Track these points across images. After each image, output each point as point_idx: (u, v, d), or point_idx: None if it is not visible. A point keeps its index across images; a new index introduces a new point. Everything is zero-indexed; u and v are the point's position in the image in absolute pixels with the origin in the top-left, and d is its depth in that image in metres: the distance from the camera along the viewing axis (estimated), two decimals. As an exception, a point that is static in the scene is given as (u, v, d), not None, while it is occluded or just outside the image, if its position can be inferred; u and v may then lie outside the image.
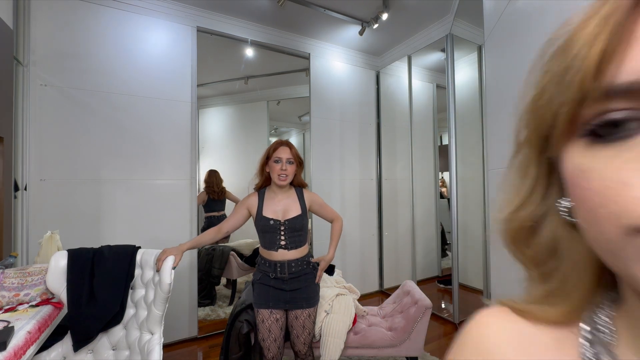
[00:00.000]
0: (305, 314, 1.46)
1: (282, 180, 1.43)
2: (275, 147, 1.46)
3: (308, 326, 1.47)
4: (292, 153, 1.45)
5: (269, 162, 1.46)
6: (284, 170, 1.42)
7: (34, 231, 1.86)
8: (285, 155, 1.43)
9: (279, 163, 1.43)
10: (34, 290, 1.24)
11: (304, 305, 1.45)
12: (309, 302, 1.46)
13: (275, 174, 1.43)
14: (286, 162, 1.43)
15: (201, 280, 2.51)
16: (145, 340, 1.30)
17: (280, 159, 1.43)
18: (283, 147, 1.45)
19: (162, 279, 1.29)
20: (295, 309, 1.45)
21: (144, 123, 2.22)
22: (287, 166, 1.43)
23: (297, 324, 1.46)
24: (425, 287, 3.33)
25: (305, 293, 1.46)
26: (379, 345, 1.63)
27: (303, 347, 1.50)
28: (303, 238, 1.49)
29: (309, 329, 1.48)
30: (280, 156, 1.43)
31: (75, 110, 2.01)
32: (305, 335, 1.48)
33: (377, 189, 3.41)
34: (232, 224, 1.49)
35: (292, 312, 1.46)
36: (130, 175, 2.18)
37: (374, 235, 3.38)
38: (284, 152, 1.44)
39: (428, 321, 1.64)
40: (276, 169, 1.42)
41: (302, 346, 1.50)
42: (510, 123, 1.10)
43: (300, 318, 1.45)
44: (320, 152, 3.03)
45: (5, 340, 0.89)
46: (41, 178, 1.92)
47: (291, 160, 1.45)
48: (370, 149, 3.37)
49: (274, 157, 1.44)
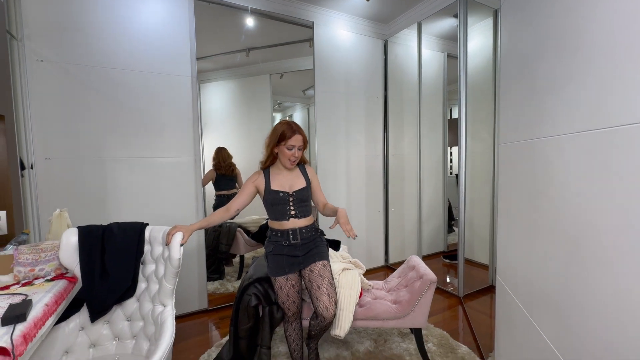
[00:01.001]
0: (319, 264, 1.53)
1: (292, 164, 1.55)
2: (289, 134, 1.50)
3: (326, 275, 1.52)
4: (303, 140, 1.54)
5: (280, 146, 1.52)
6: (296, 156, 1.53)
7: (44, 209, 1.91)
8: (298, 143, 1.52)
9: (292, 150, 1.52)
10: (48, 266, 1.29)
11: (316, 259, 1.54)
12: (320, 256, 1.56)
13: (286, 159, 1.53)
14: (297, 149, 1.53)
15: (209, 256, 2.59)
16: (158, 312, 1.37)
17: (294, 146, 1.52)
18: (297, 136, 1.51)
19: (171, 255, 1.33)
20: (309, 264, 1.54)
21: (145, 99, 2.19)
22: (298, 152, 1.54)
23: (314, 275, 1.51)
24: (431, 262, 3.39)
25: (316, 250, 1.57)
26: (383, 318, 1.69)
27: (329, 301, 1.47)
28: (309, 208, 1.61)
29: (328, 278, 1.52)
30: (294, 144, 1.52)
31: (74, 87, 1.99)
32: (327, 285, 1.50)
33: (383, 165, 3.39)
34: (240, 202, 1.56)
35: (306, 269, 1.54)
36: (134, 153, 2.19)
37: (379, 211, 3.41)
38: (298, 140, 1.52)
39: (432, 295, 1.68)
40: (288, 154, 1.52)
41: (327, 299, 1.47)
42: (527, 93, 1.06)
43: (315, 269, 1.52)
44: (325, 127, 2.99)
45: (24, 312, 0.94)
46: (46, 157, 1.94)
47: (301, 147, 1.54)
48: (376, 124, 3.31)
49: (288, 144, 1.51)
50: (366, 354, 1.88)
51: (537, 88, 0.99)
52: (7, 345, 0.82)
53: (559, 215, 0.85)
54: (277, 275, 1.55)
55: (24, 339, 0.88)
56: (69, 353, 1.32)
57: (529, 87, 1.05)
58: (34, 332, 0.94)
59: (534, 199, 1.01)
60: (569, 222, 0.81)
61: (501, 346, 1.40)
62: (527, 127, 1.06)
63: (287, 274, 1.54)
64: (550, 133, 0.90)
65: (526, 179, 1.08)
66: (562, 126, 0.83)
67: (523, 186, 1.11)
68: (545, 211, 0.93)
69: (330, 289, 1.51)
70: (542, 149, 0.95)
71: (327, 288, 1.50)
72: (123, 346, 1.42)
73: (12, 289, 1.14)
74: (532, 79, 1.03)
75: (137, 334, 1.43)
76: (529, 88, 1.05)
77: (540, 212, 0.97)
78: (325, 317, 1.48)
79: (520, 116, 1.13)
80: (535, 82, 1.00)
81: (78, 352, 1.34)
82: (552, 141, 0.88)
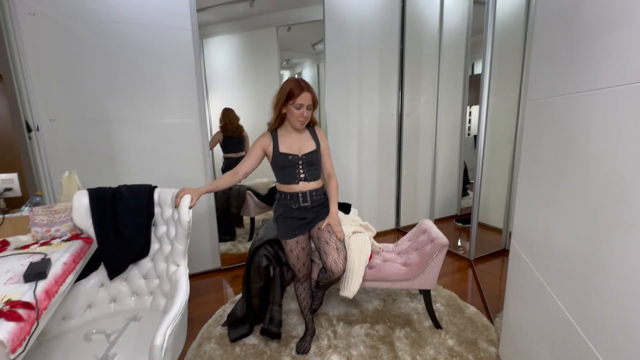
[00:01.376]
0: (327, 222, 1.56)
1: (302, 123, 1.49)
2: (297, 92, 1.43)
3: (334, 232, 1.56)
4: (312, 98, 1.47)
5: (288, 105, 1.46)
6: (304, 117, 1.47)
7: (54, 171, 1.96)
8: (306, 102, 1.45)
9: (301, 109, 1.46)
10: (63, 227, 1.35)
11: (324, 216, 1.58)
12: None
13: (294, 119, 1.48)
14: (306, 108, 1.46)
15: (220, 218, 2.66)
16: (172, 271, 1.43)
17: (302, 105, 1.45)
18: (305, 94, 1.44)
19: (180, 217, 1.37)
20: (317, 222, 1.58)
21: (144, 56, 2.12)
22: (307, 112, 1.47)
23: (323, 232, 1.55)
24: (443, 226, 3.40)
25: (324, 211, 1.60)
26: (392, 279, 1.74)
27: (338, 255, 1.49)
28: (319, 172, 1.59)
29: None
30: (302, 103, 1.45)
31: (70, 43, 1.92)
32: (335, 240, 1.53)
33: (397, 126, 3.28)
34: (247, 166, 1.54)
35: (314, 228, 1.58)
36: (138, 114, 2.17)
37: (392, 174, 3.37)
38: (306, 98, 1.44)
39: (443, 258, 1.70)
40: (297, 114, 1.46)
41: (335, 253, 1.49)
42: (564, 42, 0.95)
43: (323, 226, 1.56)
44: (336, 85, 2.87)
45: (44, 270, 1.00)
46: (50, 118, 1.94)
47: (310, 106, 1.48)
48: (391, 81, 3.15)
49: (296, 103, 1.44)
50: (375, 312, 1.97)
51: (577, 35, 0.88)
52: (31, 300, 0.88)
53: (590, 178, 0.80)
54: (287, 237, 1.57)
55: (46, 294, 0.94)
56: (92, 307, 1.43)
57: (567, 34, 0.94)
58: (55, 288, 1.00)
59: (562, 160, 0.96)
60: (600, 186, 0.77)
61: (510, 307, 1.43)
62: (561, 82, 0.97)
63: (296, 237, 1.56)
64: (588, 87, 0.81)
65: (554, 139, 1.01)
66: (605, 79, 0.75)
67: (550, 147, 1.04)
68: (574, 174, 0.88)
69: (339, 244, 1.52)
70: (577, 105, 0.88)
71: (336, 242, 1.52)
72: (142, 301, 1.52)
73: (32, 248, 1.20)
74: (571, 24, 0.92)
75: (154, 291, 1.52)
76: (567, 36, 0.94)
77: (568, 175, 0.92)
78: (334, 271, 1.49)
79: (554, 69, 1.03)
80: (575, 29, 0.90)
81: (100, 307, 1.45)
82: (590, 96, 0.81)
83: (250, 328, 1.78)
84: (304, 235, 1.59)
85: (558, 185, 0.98)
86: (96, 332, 1.27)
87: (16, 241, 1.29)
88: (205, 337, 1.77)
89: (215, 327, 1.86)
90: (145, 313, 1.43)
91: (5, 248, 1.21)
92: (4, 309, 0.79)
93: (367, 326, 1.84)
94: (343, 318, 1.92)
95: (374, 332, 1.79)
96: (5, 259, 1.11)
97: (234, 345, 1.70)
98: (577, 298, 0.87)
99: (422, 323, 1.85)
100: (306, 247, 1.61)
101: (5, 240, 1.26)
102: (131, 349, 1.18)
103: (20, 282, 0.95)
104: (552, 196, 1.03)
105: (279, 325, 1.70)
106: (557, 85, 1.00)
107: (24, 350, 0.76)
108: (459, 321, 1.86)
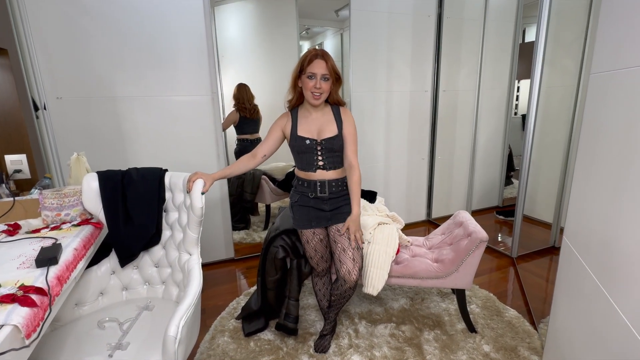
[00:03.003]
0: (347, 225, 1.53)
1: (316, 98, 1.43)
2: (309, 58, 1.39)
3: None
4: (327, 67, 1.39)
5: (302, 77, 1.42)
6: (318, 88, 1.40)
7: (63, 152, 2.06)
8: (320, 71, 1.39)
9: (313, 79, 1.40)
10: (73, 211, 1.43)
11: (343, 214, 1.55)
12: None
13: (308, 92, 1.42)
14: (321, 79, 1.40)
15: (234, 204, 2.73)
16: (185, 260, 1.49)
17: (315, 74, 1.39)
18: (318, 61, 1.38)
19: (193, 204, 1.41)
20: (337, 223, 1.55)
21: (152, 26, 2.14)
22: (321, 83, 1.40)
23: (341, 238, 1.54)
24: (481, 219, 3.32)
25: (346, 209, 1.56)
26: (422, 276, 1.73)
27: (353, 265, 1.50)
28: (341, 159, 1.53)
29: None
30: (315, 71, 1.39)
31: (75, 15, 1.97)
32: (353, 250, 1.52)
33: (432, 104, 3.18)
34: (266, 148, 1.54)
35: (333, 227, 1.57)
36: (147, 91, 2.22)
37: (424, 159, 3.30)
38: (319, 66, 1.38)
39: (481, 255, 1.67)
40: (309, 85, 1.40)
41: (350, 263, 1.50)
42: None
43: (343, 230, 1.53)
44: (362, 57, 2.79)
45: (55, 256, 1.07)
46: (57, 96, 2.03)
47: (327, 77, 1.41)
48: (426, 52, 3.03)
49: (307, 71, 1.39)
50: (401, 311, 1.98)
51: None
52: (44, 286, 0.94)
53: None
54: (304, 227, 1.59)
55: (58, 280, 1.00)
56: (104, 294, 1.52)
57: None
58: (67, 274, 1.07)
59: (632, 143, 0.89)
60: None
61: (559, 312, 1.39)
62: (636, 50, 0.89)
63: (313, 228, 1.57)
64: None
65: (623, 119, 0.94)
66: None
67: (617, 128, 0.98)
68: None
69: (356, 255, 1.53)
70: (653, 78, 0.81)
71: (353, 253, 1.52)
72: (154, 290, 1.60)
73: (43, 233, 1.29)
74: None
75: (166, 280, 1.59)
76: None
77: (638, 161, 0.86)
78: (347, 280, 1.51)
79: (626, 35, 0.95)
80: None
81: (112, 294, 1.54)
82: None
83: (265, 322, 1.84)
84: (321, 228, 1.59)
85: (624, 173, 0.92)
86: (109, 320, 1.36)
87: (27, 225, 1.38)
88: (218, 330, 1.86)
89: (229, 320, 1.94)
90: (158, 302, 1.51)
91: (17, 232, 1.30)
92: (17, 293, 0.86)
93: (393, 326, 1.85)
94: (366, 316, 1.94)
95: (400, 332, 1.81)
96: (18, 242, 1.20)
97: (249, 340, 1.77)
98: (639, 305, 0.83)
99: (454, 325, 1.84)
100: (324, 238, 1.62)
101: (17, 223, 1.35)
102: (144, 339, 1.25)
103: (32, 267, 1.03)
104: (617, 187, 0.97)
105: (295, 321, 1.75)
106: (628, 55, 0.92)
107: (39, 336, 0.82)
108: (497, 325, 1.84)
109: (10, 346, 0.74)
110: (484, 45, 3.04)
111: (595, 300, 1.06)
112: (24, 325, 0.78)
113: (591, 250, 1.12)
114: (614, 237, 0.97)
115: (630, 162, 0.90)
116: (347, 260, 1.52)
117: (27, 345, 0.79)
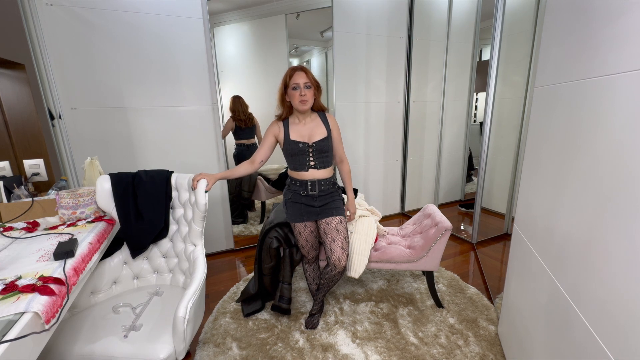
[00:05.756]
0: (336, 219, 1.56)
1: (304, 104, 1.45)
2: (290, 74, 1.43)
3: (342, 230, 1.56)
4: (308, 77, 1.44)
5: (288, 91, 1.45)
6: (303, 95, 1.43)
7: (77, 157, 2.00)
8: (302, 80, 1.42)
9: (297, 89, 1.43)
10: (88, 209, 1.39)
11: (333, 213, 1.57)
12: (338, 211, 1.58)
13: (295, 100, 1.44)
14: (304, 87, 1.43)
15: (233, 202, 2.70)
16: (190, 250, 1.47)
17: (298, 84, 1.42)
18: (298, 72, 1.42)
19: (197, 200, 1.39)
20: (326, 217, 1.57)
21: (158, 45, 2.10)
22: (305, 91, 1.43)
23: (330, 228, 1.56)
24: (447, 211, 3.39)
25: (333, 205, 1.59)
26: (397, 261, 1.76)
27: (342, 253, 1.53)
28: (330, 159, 1.57)
29: (344, 232, 1.57)
30: (297, 81, 1.42)
31: (87, 33, 1.91)
32: (342, 239, 1.55)
33: (404, 113, 3.22)
34: (263, 154, 1.55)
35: (322, 220, 1.58)
36: (154, 102, 2.17)
37: (398, 160, 3.34)
38: (300, 77, 1.42)
39: (446, 241, 1.70)
40: (295, 95, 1.43)
41: (340, 251, 1.52)
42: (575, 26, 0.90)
43: (332, 223, 1.56)
44: (344, 72, 2.81)
45: (72, 249, 1.04)
46: (72, 107, 1.96)
47: (308, 85, 1.44)
48: (399, 68, 3.06)
49: (291, 84, 1.43)
50: (379, 291, 2.00)
51: (588, 19, 0.84)
52: (62, 276, 0.91)
53: (597, 165, 0.78)
54: (296, 221, 1.59)
55: (74, 271, 0.97)
56: (117, 283, 1.48)
57: (578, 19, 0.89)
58: (83, 266, 1.04)
59: (569, 146, 0.93)
60: (605, 174, 0.75)
61: (511, 288, 1.43)
62: (570, 67, 0.93)
63: (305, 222, 1.58)
64: (600, 72, 0.78)
65: (561, 126, 0.98)
66: (615, 64, 0.72)
67: (556, 133, 1.01)
68: (581, 160, 0.86)
69: (344, 244, 1.55)
70: (585, 91, 0.84)
71: (342, 242, 1.54)
72: (162, 278, 1.57)
73: (60, 229, 1.25)
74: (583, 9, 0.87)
75: (174, 269, 1.56)
76: (577, 20, 0.89)
77: (574, 161, 0.90)
78: (337, 266, 1.54)
79: (563, 54, 0.99)
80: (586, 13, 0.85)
81: (124, 283, 1.50)
82: (601, 82, 0.77)
83: (262, 304, 1.84)
84: (312, 222, 1.60)
85: (563, 171, 0.96)
86: (123, 305, 1.33)
87: (45, 222, 1.33)
88: (220, 312, 1.84)
89: (230, 303, 1.93)
90: (166, 289, 1.48)
91: (36, 229, 1.26)
92: (37, 284, 0.83)
93: (372, 304, 1.87)
94: (349, 296, 1.95)
95: (379, 309, 1.83)
96: (36, 238, 1.16)
97: (248, 320, 1.76)
98: (576, 281, 0.87)
99: (424, 302, 1.88)
100: (314, 230, 1.63)
101: (35, 221, 1.30)
102: (156, 320, 1.23)
103: (50, 260, 0.99)
104: (556, 182, 1.00)
105: (288, 302, 1.75)
106: (565, 71, 0.96)
107: (57, 322, 0.80)
108: (460, 301, 1.88)
109: (31, 330, 0.72)
110: (447, 62, 3.10)
111: (540, 277, 1.10)
112: (44, 312, 0.76)
113: (537, 236, 1.16)
114: (556, 225, 1.00)
115: (569, 162, 0.94)
116: (337, 248, 1.53)
117: (47, 329, 0.76)
